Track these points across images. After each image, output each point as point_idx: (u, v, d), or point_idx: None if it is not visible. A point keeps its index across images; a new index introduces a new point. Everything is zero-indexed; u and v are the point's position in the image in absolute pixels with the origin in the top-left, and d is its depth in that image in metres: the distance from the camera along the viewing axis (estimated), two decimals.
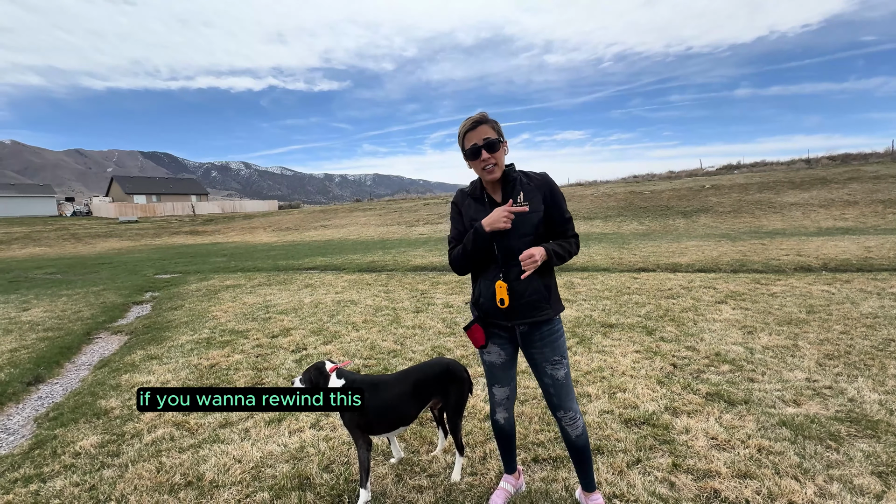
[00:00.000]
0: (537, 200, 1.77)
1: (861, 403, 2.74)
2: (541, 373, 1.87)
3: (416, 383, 2.16)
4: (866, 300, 5.11)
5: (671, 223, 17.39)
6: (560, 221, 1.82)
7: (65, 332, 5.58)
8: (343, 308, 6.10)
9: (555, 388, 1.85)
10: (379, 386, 2.13)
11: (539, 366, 1.86)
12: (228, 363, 4.09)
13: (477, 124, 1.72)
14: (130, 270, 12.44)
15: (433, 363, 2.31)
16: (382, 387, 2.13)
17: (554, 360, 1.83)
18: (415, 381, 2.16)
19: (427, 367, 2.26)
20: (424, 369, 2.24)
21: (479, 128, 1.72)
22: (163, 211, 43.99)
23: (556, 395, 1.85)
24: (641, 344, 4.05)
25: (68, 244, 26.05)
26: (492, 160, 1.72)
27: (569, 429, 1.87)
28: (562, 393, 1.85)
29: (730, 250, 9.55)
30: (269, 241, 23.39)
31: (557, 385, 1.84)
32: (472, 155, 1.74)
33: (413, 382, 2.16)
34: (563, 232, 1.84)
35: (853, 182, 18.81)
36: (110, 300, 7.73)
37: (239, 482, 2.28)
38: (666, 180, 26.68)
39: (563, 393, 1.85)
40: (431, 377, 2.19)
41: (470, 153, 1.74)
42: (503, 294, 1.75)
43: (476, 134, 1.72)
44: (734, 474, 2.13)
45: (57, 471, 2.47)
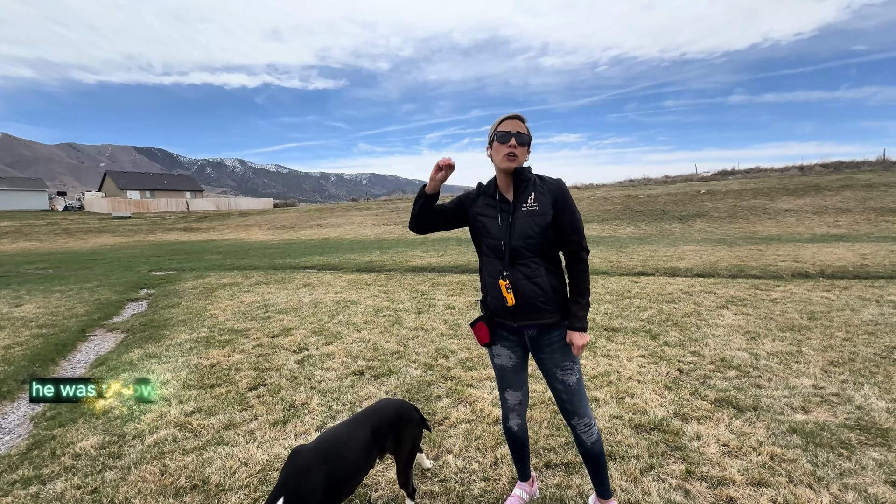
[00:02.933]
0: (546, 204, 1.77)
1: (869, 411, 2.75)
2: (552, 378, 1.85)
3: (366, 442, 1.82)
4: (866, 307, 5.15)
5: (667, 227, 17.49)
6: (569, 231, 1.79)
7: (59, 329, 5.48)
8: (343, 308, 6.05)
9: (567, 395, 1.83)
10: (329, 458, 1.69)
11: (550, 371, 1.84)
12: (229, 363, 4.03)
13: (516, 118, 1.80)
14: (125, 267, 12.28)
15: (382, 408, 1.99)
16: (333, 459, 1.70)
17: (565, 366, 1.81)
18: (364, 440, 1.82)
19: (376, 415, 1.93)
20: (374, 418, 1.91)
21: (516, 121, 1.79)
22: (157, 207, 43.54)
23: (569, 402, 1.83)
24: (646, 348, 4.04)
25: (60, 239, 25.70)
26: (516, 150, 1.75)
27: (584, 436, 1.85)
28: (574, 399, 1.83)
29: (727, 255, 9.61)
30: (264, 239, 23.23)
31: (570, 391, 1.82)
32: (502, 137, 1.76)
33: (363, 441, 1.81)
34: (573, 244, 1.80)
35: (846, 190, 19.04)
36: (105, 297, 7.61)
37: (246, 486, 2.23)
38: (662, 185, 26.85)
39: (577, 399, 1.83)
40: (386, 425, 1.89)
41: (501, 135, 1.77)
42: (506, 292, 1.75)
43: (512, 124, 1.78)
44: (749, 482, 2.12)
45: (57, 472, 2.41)
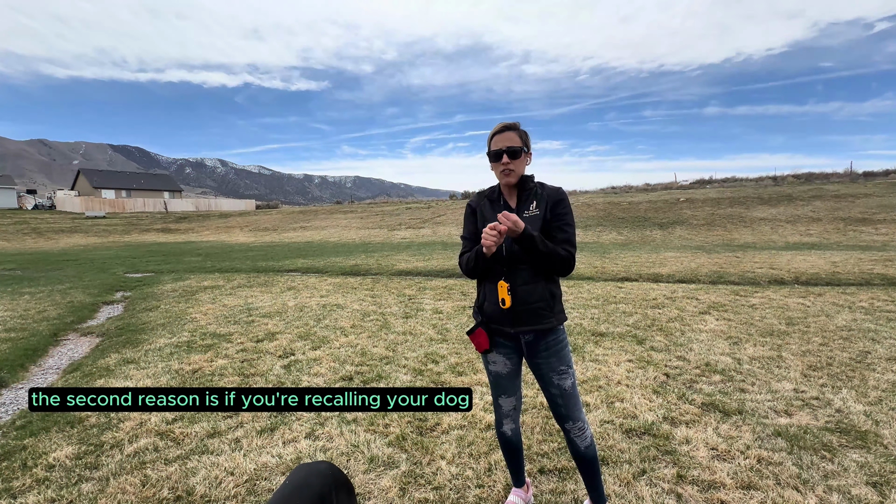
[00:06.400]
0: (546, 209, 1.80)
1: (848, 414, 2.84)
2: (547, 383, 1.84)
3: None
4: (839, 313, 5.34)
5: (648, 234, 17.86)
6: (558, 230, 1.76)
7: (29, 333, 5.23)
8: (329, 312, 5.95)
9: (562, 399, 1.83)
10: None
11: (545, 376, 1.84)
12: (212, 368, 3.91)
13: (505, 129, 1.77)
14: (99, 268, 11.85)
15: (309, 474, 1.31)
16: None
17: (560, 370, 1.82)
18: None
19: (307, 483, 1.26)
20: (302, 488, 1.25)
21: (506, 133, 1.77)
22: (133, 207, 42.28)
23: (564, 406, 1.83)
24: (633, 353, 4.10)
25: (29, 239, 24.68)
26: (511, 165, 1.76)
27: (577, 440, 1.85)
28: (569, 403, 1.83)
29: (707, 262, 9.86)
30: (246, 241, 22.78)
31: (565, 395, 1.83)
32: (494, 157, 1.79)
33: None
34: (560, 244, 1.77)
35: (816, 200, 19.82)
36: (78, 299, 7.32)
37: (233, 496, 2.16)
38: (643, 192, 27.46)
39: (571, 403, 1.83)
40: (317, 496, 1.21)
41: (493, 155, 1.79)
42: (504, 294, 1.75)
43: (502, 138, 1.76)
44: (738, 485, 2.15)
45: (29, 485, 2.28)
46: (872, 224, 15.80)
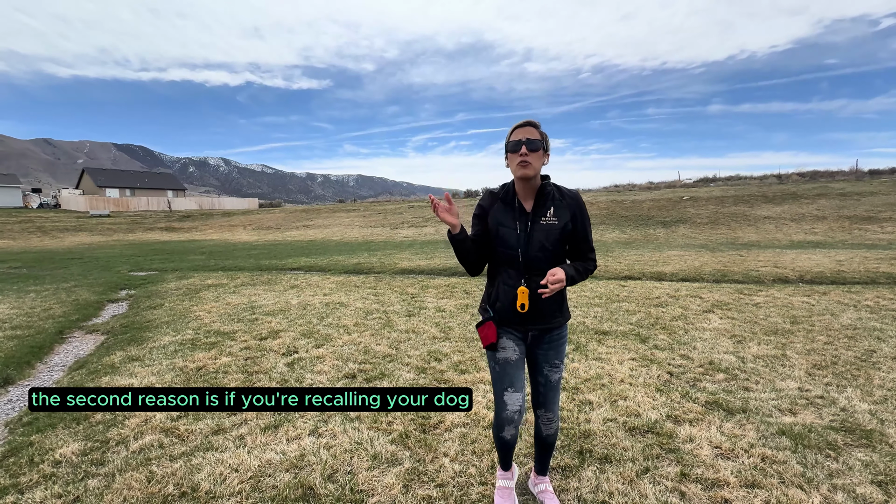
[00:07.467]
0: (565, 217, 1.82)
1: (853, 413, 2.83)
2: (537, 372, 1.95)
3: None
4: (844, 312, 5.31)
5: (652, 232, 17.80)
6: (581, 239, 1.86)
7: (35, 331, 5.27)
8: (332, 310, 5.97)
9: (545, 388, 1.95)
10: None
11: (538, 364, 1.94)
12: (216, 366, 3.93)
13: (527, 125, 1.80)
14: (103, 267, 11.92)
15: None
16: None
17: (554, 363, 1.92)
18: None
19: None
20: None
21: (527, 127, 1.79)
22: (137, 206, 42.45)
23: (544, 395, 1.95)
24: (636, 352, 4.09)
25: (34, 237, 24.84)
26: (528, 158, 1.76)
27: (544, 427, 2.00)
28: (550, 395, 1.95)
29: (710, 261, 9.81)
30: (249, 239, 22.85)
31: (550, 386, 1.94)
32: (513, 147, 1.79)
33: None
34: (584, 253, 1.88)
35: (821, 198, 19.68)
36: (83, 297, 7.36)
37: (237, 493, 2.17)
38: (646, 190, 27.35)
39: (552, 395, 1.96)
40: None
41: (512, 146, 1.79)
42: (524, 299, 1.79)
43: (523, 131, 1.79)
44: (742, 484, 2.15)
45: (36, 481, 2.30)
46: (878, 222, 15.68)
